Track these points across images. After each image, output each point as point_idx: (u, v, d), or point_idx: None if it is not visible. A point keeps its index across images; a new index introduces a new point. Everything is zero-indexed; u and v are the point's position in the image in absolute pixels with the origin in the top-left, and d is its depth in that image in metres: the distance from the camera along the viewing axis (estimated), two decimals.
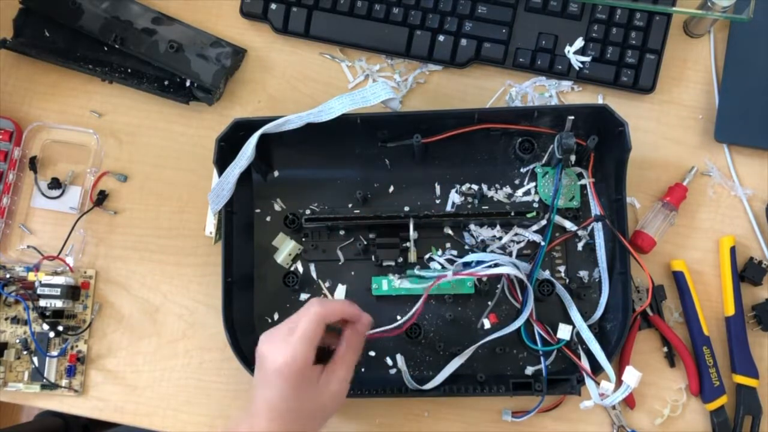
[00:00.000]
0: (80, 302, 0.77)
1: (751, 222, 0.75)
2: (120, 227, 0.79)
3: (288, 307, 0.75)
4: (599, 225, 0.72)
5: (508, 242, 0.73)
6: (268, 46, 0.82)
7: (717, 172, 0.76)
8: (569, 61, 0.77)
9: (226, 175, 0.70)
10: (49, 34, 0.81)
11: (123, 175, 0.80)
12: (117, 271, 0.79)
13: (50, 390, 0.76)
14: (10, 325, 0.77)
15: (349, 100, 0.69)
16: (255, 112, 0.80)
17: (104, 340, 0.77)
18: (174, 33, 0.79)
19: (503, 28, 0.77)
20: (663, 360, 0.73)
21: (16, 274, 0.77)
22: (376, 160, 0.76)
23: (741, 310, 0.72)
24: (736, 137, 0.76)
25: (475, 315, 0.73)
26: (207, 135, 0.79)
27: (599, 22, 0.76)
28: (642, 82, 0.76)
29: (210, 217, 0.74)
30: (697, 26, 0.77)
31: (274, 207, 0.77)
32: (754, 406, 0.71)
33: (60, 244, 0.77)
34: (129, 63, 0.80)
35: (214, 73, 0.78)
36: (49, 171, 0.80)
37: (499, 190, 0.75)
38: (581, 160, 0.73)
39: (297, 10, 0.79)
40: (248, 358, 0.70)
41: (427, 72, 0.80)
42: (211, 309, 0.77)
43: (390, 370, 0.73)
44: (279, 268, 0.75)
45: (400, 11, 0.78)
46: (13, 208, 0.80)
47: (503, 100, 0.79)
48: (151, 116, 0.81)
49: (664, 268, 0.75)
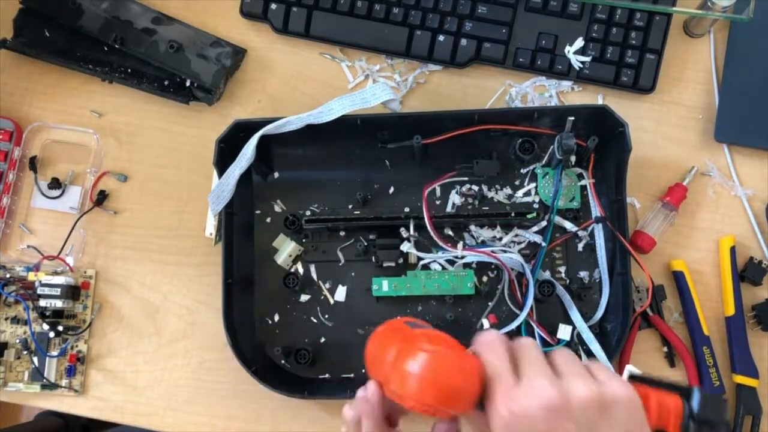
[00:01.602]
0: (80, 302, 0.77)
1: (751, 222, 0.75)
2: (120, 227, 0.79)
3: (288, 308, 0.75)
4: (599, 225, 0.73)
5: (508, 243, 0.73)
6: (268, 46, 0.82)
7: (717, 172, 0.76)
8: (569, 61, 0.77)
9: (226, 177, 0.70)
10: (49, 34, 0.80)
11: (123, 175, 0.80)
12: (117, 271, 0.79)
13: (50, 390, 0.76)
14: (10, 325, 0.77)
15: (348, 101, 0.69)
16: (255, 112, 0.80)
17: (104, 340, 0.77)
18: (174, 33, 0.79)
19: (503, 28, 0.77)
20: (663, 360, 0.73)
21: (16, 274, 0.77)
22: (376, 161, 0.76)
23: (741, 310, 0.72)
24: (736, 137, 0.76)
25: (476, 316, 0.73)
26: (207, 135, 0.79)
27: (599, 22, 0.76)
28: (642, 82, 0.76)
29: (210, 218, 0.74)
30: (697, 26, 0.77)
31: (274, 208, 0.77)
32: (754, 406, 0.71)
33: (60, 244, 0.77)
34: (129, 63, 0.80)
35: (214, 73, 0.78)
36: (49, 171, 0.80)
37: (500, 191, 0.75)
38: (581, 161, 0.73)
39: (297, 10, 0.79)
40: (248, 359, 0.70)
41: (427, 72, 0.80)
42: (211, 309, 0.77)
43: None
44: (279, 269, 0.75)
45: (400, 11, 0.78)
46: (13, 208, 0.80)
47: (503, 100, 0.79)
48: (151, 116, 0.81)
49: (664, 268, 0.75)
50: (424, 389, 0.44)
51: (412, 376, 0.44)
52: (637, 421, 0.44)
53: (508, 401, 0.43)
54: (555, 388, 0.43)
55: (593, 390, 0.43)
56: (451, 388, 0.44)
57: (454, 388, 0.44)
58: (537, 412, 0.42)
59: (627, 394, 0.44)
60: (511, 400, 0.43)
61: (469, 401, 0.45)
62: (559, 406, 0.42)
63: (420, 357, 0.44)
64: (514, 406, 0.43)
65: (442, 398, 0.44)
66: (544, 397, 0.42)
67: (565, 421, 0.42)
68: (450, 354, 0.45)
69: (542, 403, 0.42)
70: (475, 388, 0.44)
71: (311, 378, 0.73)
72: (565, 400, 0.42)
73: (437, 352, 0.44)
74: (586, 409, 0.43)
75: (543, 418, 0.42)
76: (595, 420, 0.43)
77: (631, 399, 0.44)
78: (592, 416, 0.43)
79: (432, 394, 0.44)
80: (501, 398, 0.44)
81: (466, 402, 0.45)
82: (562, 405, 0.42)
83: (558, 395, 0.43)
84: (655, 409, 0.46)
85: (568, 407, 0.42)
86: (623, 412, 0.43)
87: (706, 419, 0.45)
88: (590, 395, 0.43)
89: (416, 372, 0.44)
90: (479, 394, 0.45)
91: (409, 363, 0.44)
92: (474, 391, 0.44)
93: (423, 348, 0.45)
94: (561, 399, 0.42)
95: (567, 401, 0.42)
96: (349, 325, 0.74)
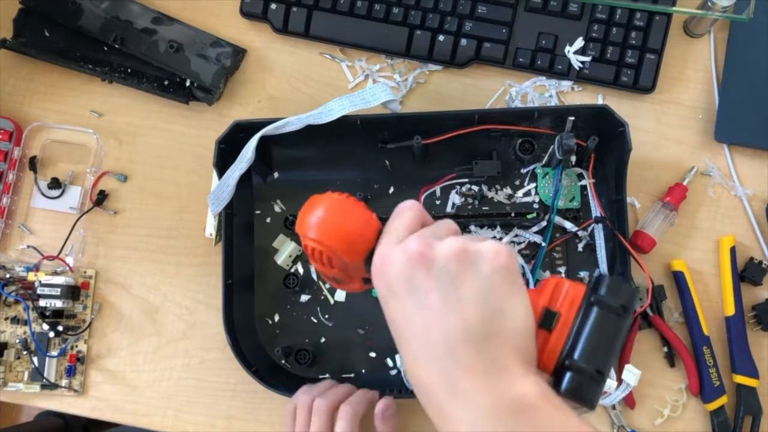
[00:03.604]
0: (80, 302, 0.77)
1: (751, 222, 0.75)
2: (120, 227, 0.79)
3: (288, 309, 0.75)
4: (599, 225, 0.72)
5: (508, 243, 0.73)
6: (268, 46, 0.82)
7: (717, 172, 0.76)
8: (569, 61, 0.77)
9: (226, 178, 0.70)
10: (49, 34, 0.80)
11: (123, 175, 0.80)
12: (117, 271, 0.79)
13: (50, 390, 0.76)
14: (10, 325, 0.77)
15: (348, 101, 0.69)
16: (255, 112, 0.80)
17: (104, 340, 0.77)
18: (174, 33, 0.79)
19: (503, 28, 0.77)
20: (663, 360, 0.73)
21: (16, 274, 0.77)
22: (376, 162, 0.76)
23: (741, 310, 0.72)
24: (736, 137, 0.76)
25: None
26: (207, 135, 0.79)
27: (599, 22, 0.76)
28: (642, 82, 0.76)
29: (210, 218, 0.74)
30: (697, 26, 0.77)
31: (274, 208, 0.77)
32: (754, 406, 0.71)
33: (60, 244, 0.77)
34: (129, 63, 0.80)
35: (214, 73, 0.78)
36: (49, 171, 0.80)
37: (500, 191, 0.75)
38: (581, 161, 0.73)
39: (297, 10, 0.79)
40: (248, 359, 0.70)
41: (427, 72, 0.80)
42: (211, 309, 0.77)
43: (390, 371, 0.73)
44: (279, 269, 0.75)
45: (400, 11, 0.78)
46: (13, 208, 0.80)
47: (503, 100, 0.79)
48: (151, 116, 0.81)
49: (664, 268, 0.75)
50: (324, 228, 0.48)
51: (317, 216, 0.49)
52: (503, 274, 0.44)
53: (382, 251, 0.46)
54: (422, 241, 0.45)
55: (459, 242, 0.44)
56: (348, 231, 0.48)
57: (349, 232, 0.48)
58: (399, 258, 0.45)
59: (494, 248, 0.44)
60: (386, 251, 0.46)
61: (361, 250, 0.48)
62: (420, 253, 0.44)
63: (327, 200, 0.49)
64: (385, 253, 0.46)
65: (337, 239, 0.48)
66: (410, 247, 0.44)
67: (422, 269, 0.44)
68: (353, 204, 0.49)
69: (407, 252, 0.44)
70: (369, 237, 0.48)
71: (311, 378, 0.73)
72: (427, 249, 0.44)
73: (342, 199, 0.50)
74: (447, 260, 0.44)
75: (403, 264, 0.44)
76: (454, 272, 0.43)
77: (498, 253, 0.44)
78: (453, 268, 0.44)
79: (329, 234, 0.48)
80: (379, 249, 0.47)
81: (358, 249, 0.48)
82: (423, 253, 0.44)
83: (421, 245, 0.44)
84: (549, 290, 0.46)
85: (429, 256, 0.44)
86: (487, 266, 0.44)
87: (602, 302, 0.45)
88: (455, 246, 0.44)
89: (321, 212, 0.49)
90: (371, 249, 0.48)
91: (318, 205, 0.49)
92: (368, 240, 0.48)
93: (331, 195, 0.50)
94: (423, 248, 0.44)
95: (429, 250, 0.44)
96: (349, 325, 0.74)
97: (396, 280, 0.44)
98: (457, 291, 0.43)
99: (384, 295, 0.46)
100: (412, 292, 0.44)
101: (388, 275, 0.45)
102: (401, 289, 0.44)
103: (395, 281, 0.44)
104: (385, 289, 0.45)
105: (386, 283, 0.45)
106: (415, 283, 0.44)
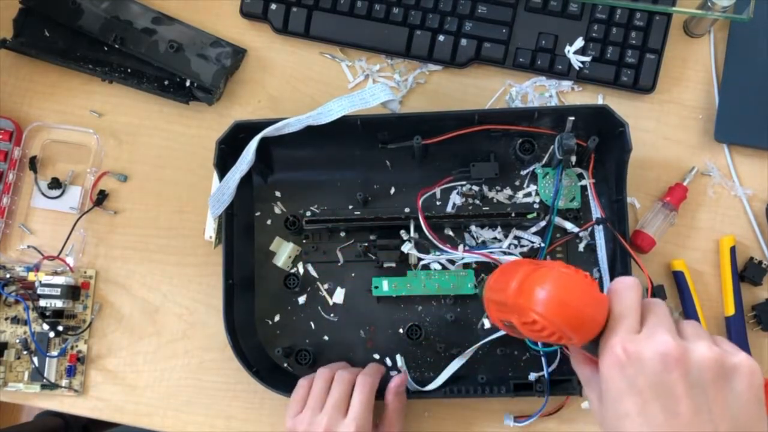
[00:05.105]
0: (80, 302, 0.77)
1: (751, 222, 0.75)
2: (120, 227, 0.79)
3: (289, 309, 0.75)
4: (600, 226, 0.72)
5: (508, 243, 0.73)
6: (268, 46, 0.82)
7: (717, 172, 0.76)
8: (569, 61, 0.77)
9: (227, 180, 0.70)
10: (49, 34, 0.80)
11: (123, 175, 0.80)
12: (117, 271, 0.79)
13: (50, 390, 0.76)
14: (10, 325, 0.77)
15: (348, 102, 0.69)
16: (255, 112, 0.80)
17: (104, 340, 0.77)
18: (174, 33, 0.79)
19: (503, 28, 0.77)
20: None
21: (16, 274, 0.77)
22: (376, 162, 0.76)
23: (741, 310, 0.72)
24: (736, 137, 0.76)
25: (476, 316, 0.73)
26: (207, 135, 0.79)
27: (599, 22, 0.76)
28: (642, 82, 0.76)
29: (209, 221, 0.74)
30: (697, 26, 0.77)
31: (274, 209, 0.77)
32: None
33: (60, 244, 0.77)
34: (129, 63, 0.80)
35: (214, 73, 0.78)
36: (49, 171, 0.80)
37: (500, 191, 0.75)
38: (582, 161, 0.73)
39: (297, 10, 0.79)
40: (248, 360, 0.70)
41: (427, 72, 0.80)
42: (211, 309, 0.77)
43: (391, 372, 0.73)
44: (279, 269, 0.75)
45: (400, 11, 0.78)
46: (13, 208, 0.80)
47: (503, 100, 0.79)
48: (151, 116, 0.81)
49: (664, 268, 0.75)
50: (554, 305, 0.44)
51: (545, 292, 0.44)
52: (757, 395, 0.42)
53: (625, 341, 0.44)
54: (676, 342, 0.43)
55: (715, 352, 0.42)
56: (581, 312, 0.44)
57: (583, 313, 0.44)
58: (652, 356, 0.42)
59: (751, 366, 0.42)
60: (629, 341, 0.43)
61: (590, 331, 0.45)
62: (675, 357, 0.42)
63: (558, 275, 0.45)
64: (630, 346, 0.43)
65: (568, 319, 0.44)
66: (663, 345, 0.42)
67: (677, 374, 0.42)
68: (585, 281, 0.45)
69: (659, 350, 0.42)
70: (600, 320, 0.45)
71: None
72: (683, 354, 0.42)
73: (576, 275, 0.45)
74: (702, 370, 0.42)
75: (655, 364, 0.42)
76: (709, 383, 0.42)
77: (753, 372, 0.42)
78: (708, 378, 0.42)
79: (561, 312, 0.44)
80: (620, 337, 0.44)
81: (588, 331, 0.45)
82: (679, 357, 0.42)
83: (677, 348, 0.42)
84: None
85: (685, 361, 0.42)
86: (742, 385, 0.42)
87: None
88: (711, 356, 0.42)
89: (551, 288, 0.44)
90: (600, 330, 0.45)
91: (546, 280, 0.44)
92: (598, 323, 0.45)
93: (561, 269, 0.45)
94: (679, 352, 0.42)
95: (685, 356, 0.42)
96: (350, 326, 0.74)
97: (644, 379, 0.42)
98: (708, 403, 0.41)
99: (620, 388, 0.43)
100: (661, 395, 0.42)
101: (633, 371, 0.43)
102: (648, 389, 0.42)
103: (643, 380, 0.42)
104: (625, 385, 0.43)
105: (628, 378, 0.43)
106: (667, 388, 0.42)
